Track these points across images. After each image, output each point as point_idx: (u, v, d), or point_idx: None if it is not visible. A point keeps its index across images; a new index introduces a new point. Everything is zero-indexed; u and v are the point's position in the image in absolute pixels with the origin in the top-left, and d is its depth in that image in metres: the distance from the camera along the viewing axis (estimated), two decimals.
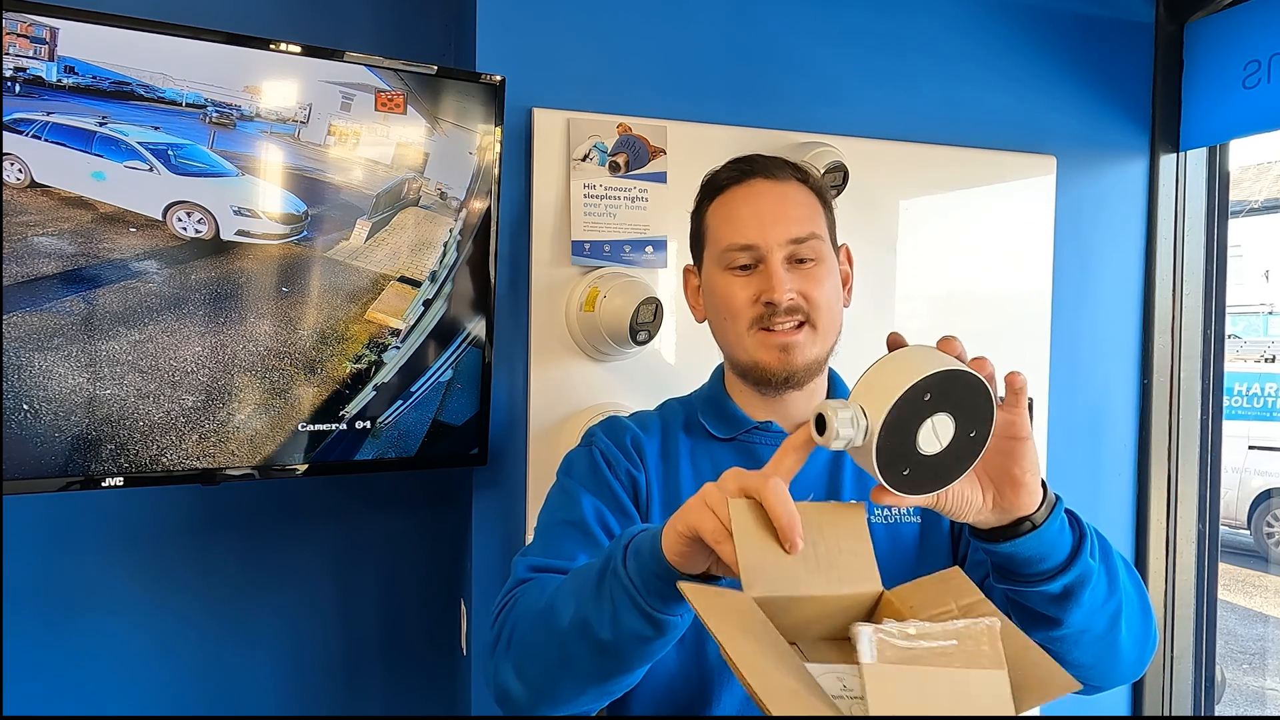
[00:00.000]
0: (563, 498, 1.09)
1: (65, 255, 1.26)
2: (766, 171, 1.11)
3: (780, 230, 1.07)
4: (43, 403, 1.26)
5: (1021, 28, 1.94)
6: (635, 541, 0.81)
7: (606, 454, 1.11)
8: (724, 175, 1.14)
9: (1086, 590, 0.87)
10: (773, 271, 1.06)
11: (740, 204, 1.10)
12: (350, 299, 1.46)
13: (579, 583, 0.85)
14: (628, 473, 1.10)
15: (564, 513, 1.06)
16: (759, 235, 1.07)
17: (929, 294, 1.87)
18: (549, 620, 0.86)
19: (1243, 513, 5.70)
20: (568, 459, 1.15)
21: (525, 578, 0.98)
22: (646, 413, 1.20)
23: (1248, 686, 4.41)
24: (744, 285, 1.08)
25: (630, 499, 1.08)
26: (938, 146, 1.87)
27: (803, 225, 1.08)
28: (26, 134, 1.22)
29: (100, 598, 1.62)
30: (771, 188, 1.10)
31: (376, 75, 1.43)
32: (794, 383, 1.09)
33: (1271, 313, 7.06)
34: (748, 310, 1.07)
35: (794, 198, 1.11)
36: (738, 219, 1.09)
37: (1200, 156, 2.08)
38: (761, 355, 1.07)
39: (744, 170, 1.12)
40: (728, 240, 1.09)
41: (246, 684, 1.72)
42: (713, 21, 1.71)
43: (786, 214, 1.08)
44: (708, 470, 1.11)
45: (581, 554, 1.00)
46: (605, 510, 1.06)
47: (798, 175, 1.13)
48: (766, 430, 1.12)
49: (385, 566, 1.81)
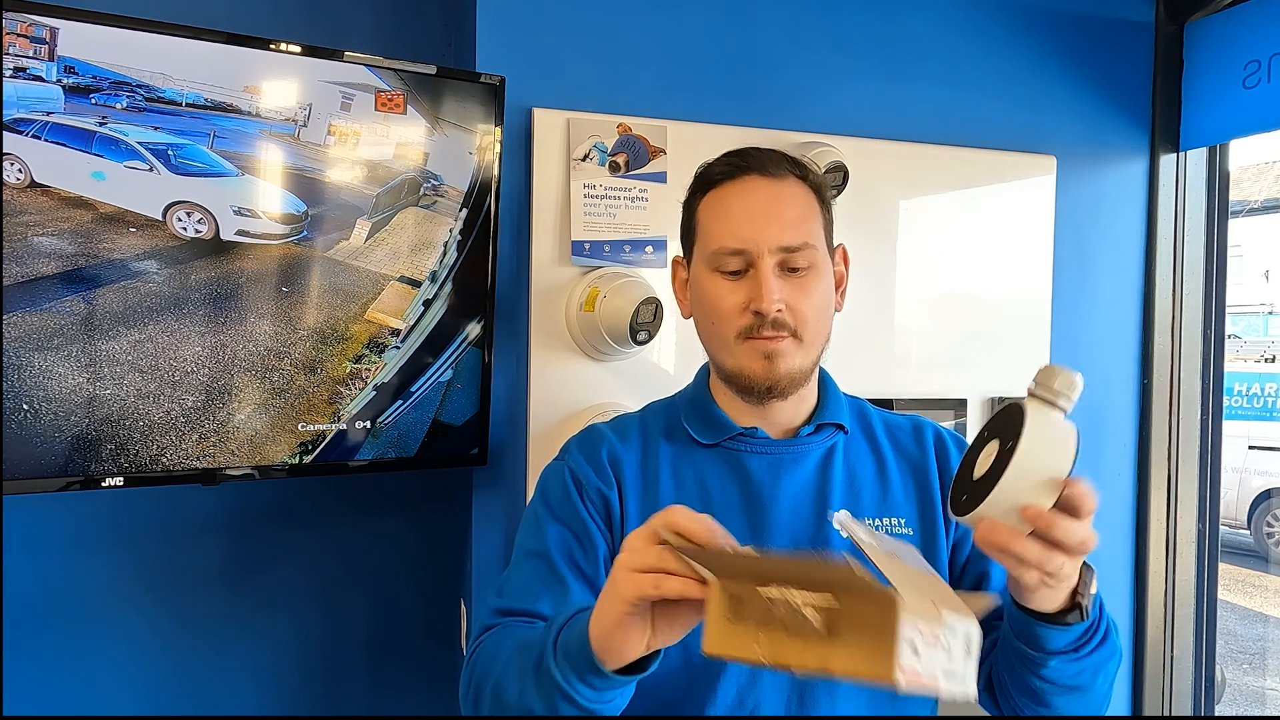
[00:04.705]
0: (532, 525, 1.08)
1: (65, 255, 1.26)
2: (762, 168, 1.06)
3: (773, 235, 1.02)
4: (43, 403, 1.26)
5: (1021, 28, 1.94)
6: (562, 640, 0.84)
7: (577, 473, 1.08)
8: (718, 169, 1.09)
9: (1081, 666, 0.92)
10: (762, 279, 1.02)
11: (733, 202, 1.05)
12: (350, 299, 1.46)
13: (521, 666, 0.88)
14: (598, 492, 1.06)
15: (532, 541, 1.06)
16: (751, 240, 1.02)
17: (929, 294, 1.87)
18: (500, 698, 0.91)
19: (1243, 513, 5.70)
20: (544, 475, 1.12)
21: (490, 623, 1.01)
22: (628, 418, 1.17)
23: (1248, 686, 4.41)
24: (732, 290, 1.04)
25: (602, 519, 1.06)
26: (937, 146, 1.87)
27: (796, 232, 1.03)
28: (26, 134, 1.22)
29: (101, 597, 1.62)
30: (767, 186, 1.05)
31: (376, 75, 1.43)
32: (777, 392, 1.05)
33: (1271, 313, 7.06)
34: (736, 318, 1.04)
35: (790, 198, 1.06)
36: (730, 219, 1.04)
37: (1200, 156, 2.08)
38: (747, 362, 1.04)
39: (739, 165, 1.07)
40: (718, 242, 1.04)
41: (247, 683, 1.72)
42: (713, 21, 1.71)
43: (781, 217, 1.03)
44: (690, 481, 1.07)
45: (544, 592, 1.00)
46: (571, 541, 1.04)
47: (795, 171, 1.08)
48: (752, 437, 1.09)
49: (385, 566, 1.81)
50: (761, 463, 1.08)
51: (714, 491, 1.07)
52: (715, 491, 1.07)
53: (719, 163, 1.09)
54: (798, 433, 1.10)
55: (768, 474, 1.07)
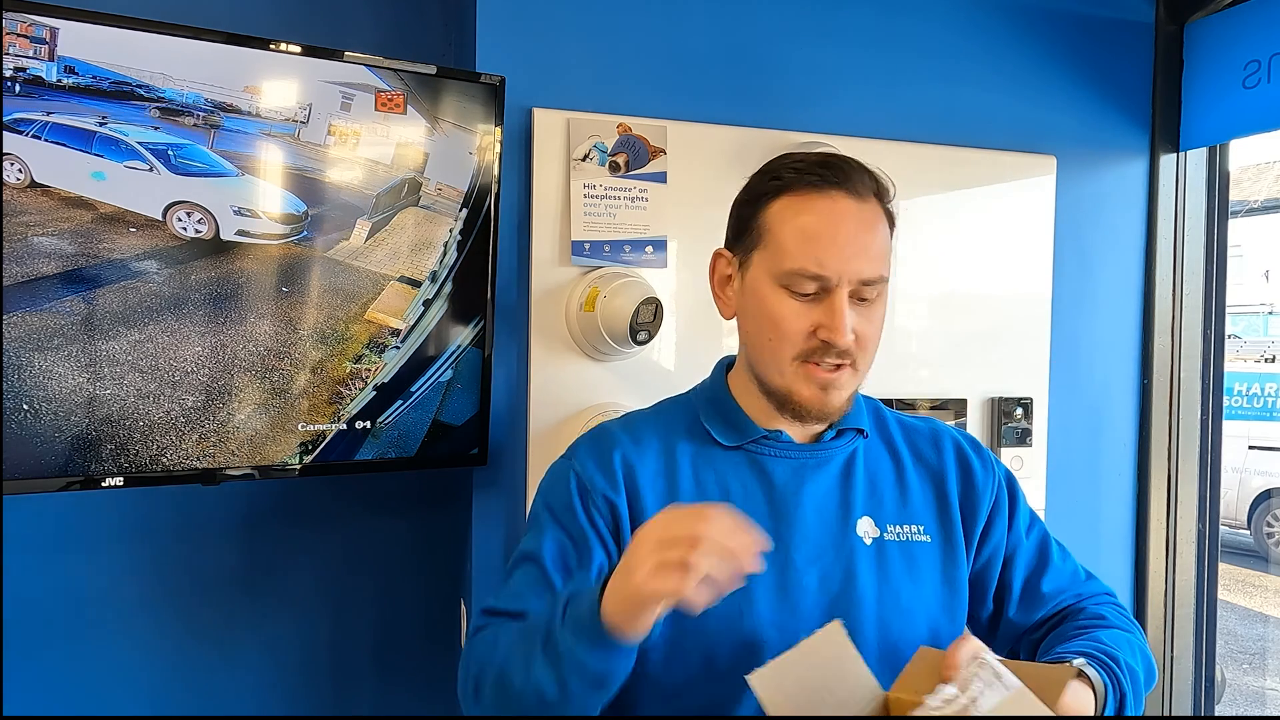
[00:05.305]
0: (534, 527, 1.07)
1: (65, 255, 1.26)
2: (850, 186, 1.01)
3: (857, 265, 0.98)
4: (43, 403, 1.26)
5: (1021, 27, 1.94)
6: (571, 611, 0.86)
7: (583, 479, 1.05)
8: (801, 176, 1.02)
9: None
10: (838, 310, 0.98)
11: (819, 221, 0.99)
12: (350, 299, 1.46)
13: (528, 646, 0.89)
14: (605, 499, 1.03)
15: (531, 543, 1.05)
16: (835, 270, 0.98)
17: (929, 294, 1.87)
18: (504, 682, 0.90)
19: (1243, 513, 5.70)
20: (549, 475, 1.10)
21: (480, 624, 1.01)
22: (641, 417, 1.13)
23: (1248, 686, 4.41)
24: (801, 313, 1.00)
25: (606, 527, 1.03)
26: (937, 146, 1.87)
27: (877, 264, 1.00)
28: (26, 134, 1.22)
29: (101, 597, 1.62)
30: (855, 210, 1.00)
31: (376, 75, 1.43)
32: (824, 419, 1.04)
33: (1271, 313, 7.07)
34: (800, 341, 1.00)
35: (874, 225, 1.01)
36: (814, 240, 0.99)
37: (1200, 156, 2.08)
38: (799, 387, 1.01)
39: (827, 178, 1.01)
40: (797, 263, 0.99)
41: (247, 682, 1.72)
42: (713, 21, 1.71)
43: (867, 249, 0.99)
44: (711, 483, 1.05)
45: (532, 596, 1.00)
46: (568, 547, 1.03)
47: (876, 191, 1.03)
48: (776, 441, 1.07)
49: (385, 566, 1.81)
50: (785, 467, 1.07)
51: (736, 495, 1.05)
52: (738, 495, 1.05)
53: (801, 167, 1.03)
54: (821, 437, 1.09)
55: (792, 478, 1.06)
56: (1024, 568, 1.14)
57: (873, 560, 1.05)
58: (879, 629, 1.03)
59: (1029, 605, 1.13)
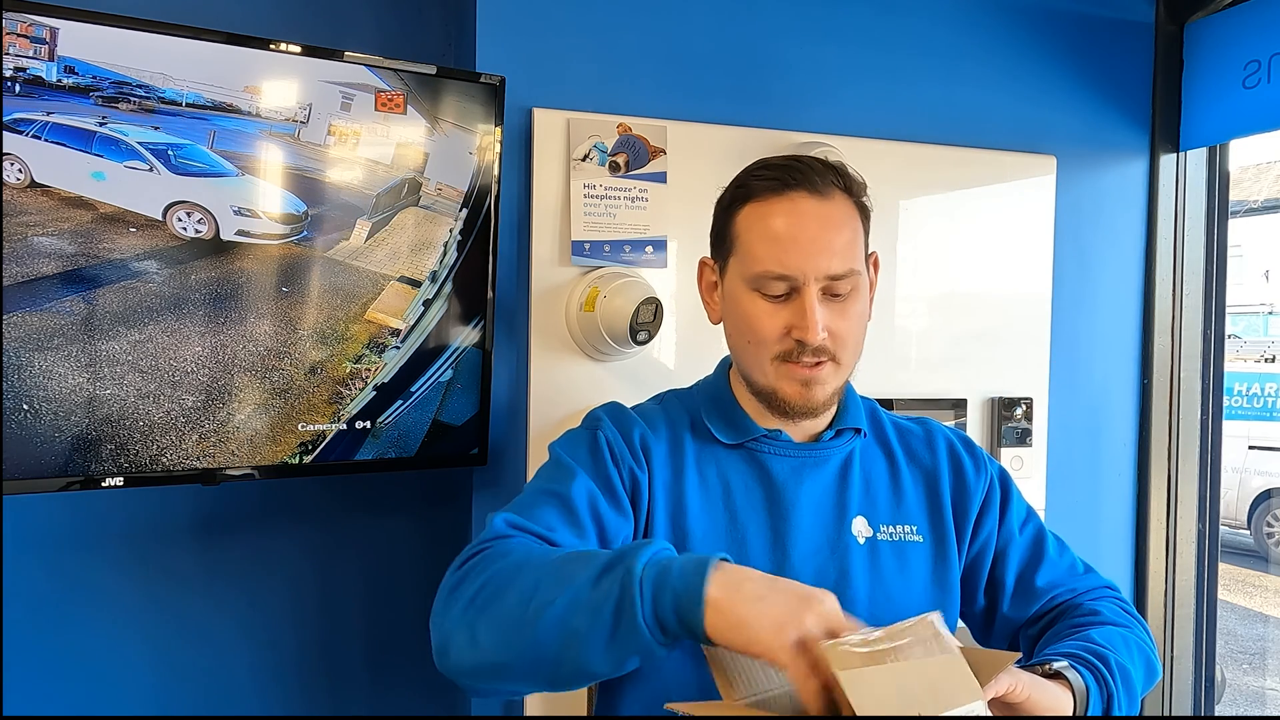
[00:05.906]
0: (555, 471, 1.03)
1: (65, 255, 1.26)
2: (810, 184, 1.01)
3: (821, 263, 0.99)
4: (43, 403, 1.26)
5: (1021, 27, 1.94)
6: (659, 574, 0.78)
7: (612, 444, 1.05)
8: (761, 180, 1.03)
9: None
10: (807, 308, 0.99)
11: (779, 221, 1.00)
12: (350, 299, 1.46)
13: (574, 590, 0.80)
14: (630, 471, 1.04)
15: (553, 484, 1.00)
16: (798, 268, 0.99)
17: (929, 294, 1.87)
18: (529, 608, 0.81)
19: (1243, 513, 5.70)
20: (568, 437, 1.09)
21: (505, 533, 0.93)
22: (649, 407, 1.14)
23: (1248, 686, 4.41)
24: (772, 313, 1.01)
25: (629, 497, 1.03)
26: (938, 146, 1.87)
27: (844, 258, 1.00)
28: (26, 134, 1.22)
29: (101, 598, 1.62)
30: (815, 207, 1.01)
31: (376, 75, 1.43)
32: (810, 414, 1.05)
33: (1271, 313, 7.07)
34: (775, 342, 1.01)
35: (838, 221, 1.01)
36: (775, 241, 1.00)
37: (1200, 156, 2.08)
38: (782, 386, 1.02)
39: (784, 179, 1.02)
40: (761, 265, 1.00)
41: (247, 682, 1.72)
42: (713, 21, 1.71)
43: (829, 244, 1.00)
44: (714, 479, 1.07)
45: (562, 528, 0.95)
46: (599, 495, 1.00)
47: (840, 185, 1.04)
48: (775, 440, 1.08)
49: (385, 566, 1.81)
50: (785, 465, 1.08)
51: (737, 492, 1.07)
52: (738, 492, 1.07)
53: (762, 172, 1.04)
54: (819, 436, 1.10)
55: (791, 477, 1.08)
56: (1017, 563, 1.14)
57: (866, 560, 1.07)
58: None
59: (1023, 600, 1.13)
